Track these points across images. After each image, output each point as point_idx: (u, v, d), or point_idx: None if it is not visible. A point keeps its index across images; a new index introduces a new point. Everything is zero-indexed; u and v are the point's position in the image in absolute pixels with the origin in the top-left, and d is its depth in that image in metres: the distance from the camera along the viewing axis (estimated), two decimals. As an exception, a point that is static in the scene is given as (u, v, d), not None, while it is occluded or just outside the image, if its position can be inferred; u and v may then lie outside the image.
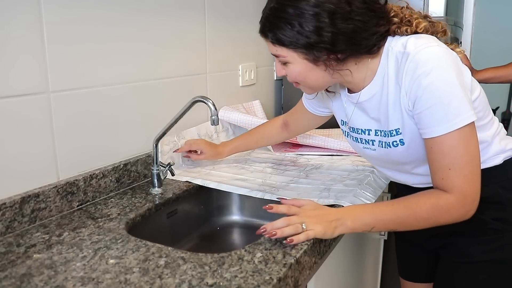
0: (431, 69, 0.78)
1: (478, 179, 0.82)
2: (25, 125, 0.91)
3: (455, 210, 0.82)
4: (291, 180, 1.21)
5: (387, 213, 0.85)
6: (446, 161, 0.81)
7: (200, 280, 0.71)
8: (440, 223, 0.84)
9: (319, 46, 0.82)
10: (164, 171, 1.15)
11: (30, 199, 0.91)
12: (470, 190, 0.81)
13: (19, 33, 0.88)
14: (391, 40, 0.87)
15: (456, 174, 0.81)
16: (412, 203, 0.85)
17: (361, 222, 0.85)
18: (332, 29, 0.80)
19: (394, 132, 0.89)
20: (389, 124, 0.89)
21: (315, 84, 0.91)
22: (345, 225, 0.84)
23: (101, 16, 1.05)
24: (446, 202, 0.82)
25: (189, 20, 1.35)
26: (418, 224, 0.84)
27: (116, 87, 1.12)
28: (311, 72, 0.87)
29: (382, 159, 0.98)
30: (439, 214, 0.83)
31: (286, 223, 0.83)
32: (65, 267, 0.75)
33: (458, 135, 0.79)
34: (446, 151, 0.80)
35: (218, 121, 1.04)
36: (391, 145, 0.91)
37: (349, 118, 0.99)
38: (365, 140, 0.98)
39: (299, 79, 0.91)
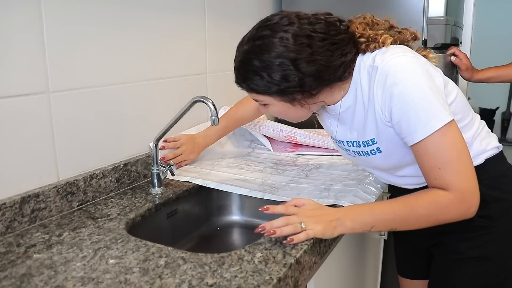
0: (400, 79, 0.81)
1: (472, 173, 0.82)
2: (25, 125, 0.91)
3: (454, 207, 0.82)
4: (291, 180, 1.21)
5: (386, 212, 0.85)
6: (434, 161, 0.82)
7: (200, 280, 0.71)
8: (440, 221, 0.84)
9: (290, 89, 0.86)
10: (164, 171, 1.15)
11: (30, 199, 0.91)
12: (465, 184, 0.81)
13: (19, 33, 0.88)
14: (362, 57, 0.90)
15: (447, 172, 0.81)
16: (411, 201, 0.85)
17: (360, 221, 0.85)
18: (298, 74, 0.84)
19: (370, 142, 0.92)
20: (365, 134, 0.92)
21: (297, 118, 0.96)
22: (344, 225, 0.84)
23: (101, 17, 1.05)
24: (444, 199, 0.82)
25: (189, 20, 1.35)
26: (418, 223, 0.85)
27: (116, 87, 1.12)
28: (290, 110, 0.92)
29: (364, 165, 1.04)
30: (438, 211, 0.83)
31: (285, 222, 0.83)
32: (65, 267, 0.75)
33: (440, 134, 0.80)
34: (432, 152, 0.82)
35: (218, 121, 1.04)
36: (369, 153, 0.95)
37: (334, 133, 1.03)
38: (345, 149, 1.02)
39: (281, 116, 0.96)
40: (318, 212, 0.87)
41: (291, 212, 0.86)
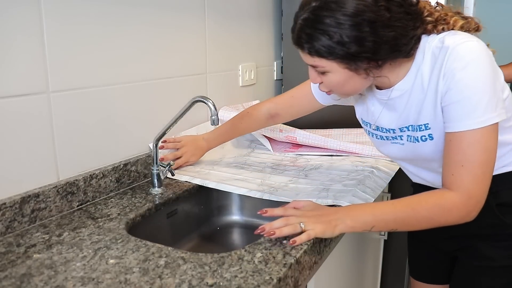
0: (467, 64, 0.77)
1: (487, 182, 0.81)
2: (25, 125, 0.91)
3: (457, 210, 0.81)
4: (290, 180, 1.21)
5: (387, 212, 0.84)
6: (461, 157, 0.80)
7: (200, 280, 0.71)
8: (441, 223, 0.83)
9: (359, 56, 0.80)
10: (164, 171, 1.15)
11: (30, 199, 0.91)
12: (476, 191, 0.80)
13: (19, 33, 0.88)
14: (426, 38, 0.85)
15: (467, 172, 0.79)
16: (414, 202, 0.84)
17: (361, 221, 0.84)
18: (374, 38, 0.77)
19: (423, 127, 0.88)
20: (419, 118, 0.88)
21: (352, 90, 0.90)
22: (344, 223, 0.84)
23: (101, 17, 1.05)
24: (449, 202, 0.81)
25: (189, 20, 1.35)
26: (419, 224, 0.84)
27: (116, 87, 1.12)
28: (351, 80, 0.85)
29: (409, 155, 0.96)
30: (441, 214, 0.82)
31: (284, 223, 0.83)
32: (65, 267, 0.75)
33: (480, 133, 0.78)
34: (464, 147, 0.79)
35: (218, 121, 1.04)
36: (419, 140, 0.90)
37: (375, 119, 0.97)
38: (392, 137, 0.96)
39: (336, 88, 0.88)
40: (318, 212, 0.87)
41: (290, 214, 0.86)
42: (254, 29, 1.71)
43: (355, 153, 1.44)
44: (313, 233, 0.82)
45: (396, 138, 0.96)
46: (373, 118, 0.98)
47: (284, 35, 1.79)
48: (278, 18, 1.84)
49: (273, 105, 1.26)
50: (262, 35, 1.77)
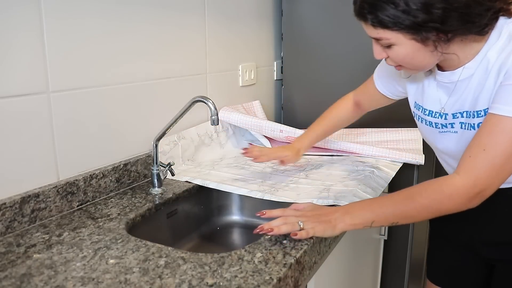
0: None
1: (504, 177, 0.77)
2: (25, 125, 0.91)
3: (458, 196, 0.77)
4: (291, 180, 1.21)
5: (386, 206, 0.83)
6: (488, 140, 0.76)
7: (200, 280, 0.71)
8: (441, 211, 0.80)
9: (427, 25, 0.73)
10: (164, 171, 1.15)
11: (30, 199, 0.91)
12: (485, 181, 0.76)
13: (19, 33, 0.88)
14: (505, 20, 0.79)
15: (487, 158, 0.75)
16: (412, 192, 0.82)
17: (360, 217, 0.83)
18: (444, 5, 0.71)
19: (482, 113, 0.82)
20: (478, 103, 0.82)
21: (422, 64, 0.83)
22: (344, 222, 0.83)
23: (101, 17, 1.05)
24: (450, 187, 0.78)
25: (189, 20, 1.35)
26: (419, 214, 0.81)
27: (116, 87, 1.12)
28: (418, 52, 0.79)
29: (460, 144, 0.88)
30: (441, 200, 0.79)
31: (283, 221, 0.83)
32: (65, 267, 0.75)
33: None
34: (497, 131, 0.75)
35: (218, 121, 1.04)
36: (475, 127, 0.84)
37: (442, 104, 0.90)
38: (441, 124, 0.91)
39: (404, 61, 0.82)
40: (317, 212, 0.87)
41: (289, 214, 0.86)
42: (254, 29, 1.71)
43: (356, 153, 1.44)
44: (312, 231, 0.82)
45: (446, 126, 0.90)
46: (436, 103, 0.91)
47: (284, 35, 1.79)
48: (278, 18, 1.84)
49: (355, 94, 1.23)
50: (262, 35, 1.77)
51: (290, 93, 1.82)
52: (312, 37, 1.72)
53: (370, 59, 1.59)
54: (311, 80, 1.75)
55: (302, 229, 0.82)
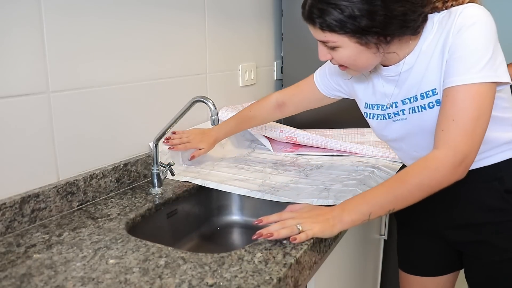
0: (475, 22, 0.80)
1: (478, 141, 0.81)
2: (25, 125, 0.91)
3: (444, 167, 0.80)
4: (291, 180, 1.21)
5: (379, 194, 0.84)
6: (454, 111, 0.80)
7: (200, 280, 0.71)
8: (433, 186, 0.82)
9: (370, 30, 0.81)
10: (164, 171, 1.15)
11: (30, 199, 0.91)
12: (463, 147, 0.80)
13: (20, 33, 0.88)
14: (434, 15, 0.87)
15: (457, 126, 0.80)
16: (401, 175, 0.84)
17: (357, 212, 0.84)
18: (385, 13, 0.79)
19: (430, 93, 0.88)
20: (425, 85, 0.88)
21: (364, 65, 0.90)
22: (342, 220, 0.83)
23: (101, 16, 1.05)
24: (434, 160, 0.81)
25: (189, 20, 1.35)
26: (413, 195, 0.83)
27: (116, 87, 1.12)
28: (361, 54, 0.86)
29: (413, 129, 0.94)
30: (430, 175, 0.81)
31: (281, 226, 0.83)
32: (65, 267, 0.75)
33: (477, 89, 0.79)
34: (458, 101, 0.80)
35: (218, 121, 1.04)
36: (426, 107, 0.89)
37: (389, 96, 0.97)
38: (393, 113, 0.97)
39: (348, 63, 0.89)
40: (315, 213, 0.87)
41: (286, 217, 0.85)
42: (254, 29, 1.71)
43: (356, 153, 1.44)
44: (311, 233, 0.82)
45: (398, 114, 0.96)
46: (385, 97, 0.98)
47: (284, 35, 1.79)
48: (278, 18, 1.84)
49: (280, 94, 1.28)
50: (262, 35, 1.77)
51: (290, 93, 1.81)
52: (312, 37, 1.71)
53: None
54: (311, 80, 1.75)
55: (301, 231, 0.82)
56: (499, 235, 0.94)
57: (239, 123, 1.33)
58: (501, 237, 0.94)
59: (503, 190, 0.92)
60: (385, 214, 0.86)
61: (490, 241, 0.95)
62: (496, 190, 0.92)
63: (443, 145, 0.81)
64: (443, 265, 1.11)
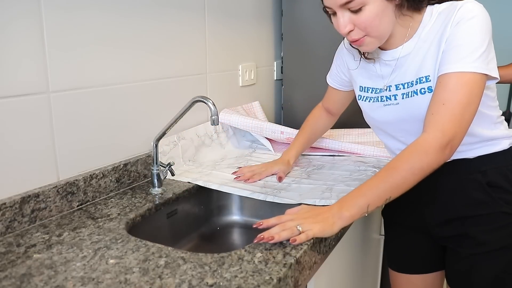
0: (474, 16, 0.84)
1: (465, 126, 0.84)
2: (25, 125, 0.91)
3: (432, 149, 0.83)
4: (293, 180, 1.21)
5: (374, 185, 0.85)
6: (444, 96, 0.84)
7: (200, 280, 0.70)
8: (424, 169, 0.84)
9: None
10: (164, 171, 1.15)
11: (30, 199, 0.91)
12: (451, 129, 0.83)
13: (20, 33, 0.88)
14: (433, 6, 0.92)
15: (447, 111, 0.83)
16: (393, 162, 0.86)
17: (355, 207, 0.84)
18: None
19: (423, 79, 0.91)
20: (421, 71, 0.92)
21: (386, 28, 0.90)
22: (342, 217, 0.84)
23: (101, 16, 1.05)
24: (423, 143, 0.84)
25: (189, 20, 1.35)
26: (406, 181, 0.84)
27: (116, 87, 1.12)
28: (385, 12, 0.87)
29: (403, 114, 0.97)
30: (419, 158, 0.83)
31: (281, 228, 0.82)
32: (65, 267, 0.75)
33: (468, 78, 0.83)
34: (450, 87, 0.84)
35: (218, 121, 1.04)
36: (418, 93, 0.93)
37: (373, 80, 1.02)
38: (386, 96, 1.00)
39: (373, 24, 0.87)
40: (313, 213, 0.87)
41: (285, 220, 0.85)
42: (254, 29, 1.71)
43: (357, 153, 1.44)
44: (312, 233, 0.82)
45: (390, 98, 0.99)
46: (382, 79, 1.01)
47: (284, 35, 1.79)
48: (278, 18, 1.84)
49: (321, 104, 1.34)
50: (262, 35, 1.77)
51: (290, 93, 1.81)
52: (312, 37, 1.72)
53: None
54: (311, 80, 1.75)
55: (301, 232, 0.82)
56: (479, 228, 0.96)
57: (309, 139, 1.35)
58: (481, 229, 0.96)
59: (485, 182, 0.94)
60: (383, 204, 0.86)
61: (469, 234, 0.97)
62: (479, 183, 0.95)
63: (431, 127, 0.84)
64: (430, 261, 1.12)
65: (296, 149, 1.32)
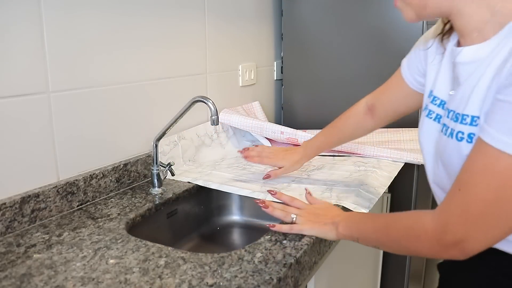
0: None
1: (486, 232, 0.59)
2: (25, 125, 0.91)
3: (426, 240, 0.65)
4: (293, 180, 1.21)
5: (369, 229, 0.77)
6: (464, 178, 0.61)
7: (200, 280, 0.70)
8: (411, 250, 0.71)
9: None
10: (164, 171, 1.15)
11: (30, 199, 0.91)
12: (458, 229, 0.60)
13: (20, 33, 0.88)
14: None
15: (460, 201, 0.60)
16: (391, 220, 0.74)
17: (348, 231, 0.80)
18: None
19: (468, 119, 0.64)
20: (468, 105, 0.65)
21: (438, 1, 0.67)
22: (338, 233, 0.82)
23: (101, 16, 1.05)
24: (420, 226, 0.66)
25: (189, 20, 1.35)
26: (391, 248, 0.74)
27: (116, 87, 1.12)
28: None
29: (434, 152, 0.75)
30: (409, 238, 0.68)
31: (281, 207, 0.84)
32: (65, 267, 0.75)
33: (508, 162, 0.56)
34: (475, 167, 0.59)
35: (218, 121, 1.04)
36: (453, 136, 0.67)
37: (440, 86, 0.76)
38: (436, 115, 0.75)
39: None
40: (320, 212, 0.86)
41: (295, 205, 0.85)
42: (254, 29, 1.71)
43: (357, 154, 1.44)
44: (297, 228, 0.83)
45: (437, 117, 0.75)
46: (431, 83, 0.79)
47: (284, 35, 1.79)
48: (278, 18, 1.84)
49: (370, 96, 1.08)
50: (262, 35, 1.77)
51: (290, 93, 1.81)
52: (312, 37, 1.72)
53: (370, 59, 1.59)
54: (311, 80, 1.75)
55: (293, 222, 0.83)
56: None
57: (328, 137, 1.15)
58: None
59: None
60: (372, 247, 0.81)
61: None
62: None
63: (438, 213, 0.64)
64: None
65: (315, 145, 1.16)
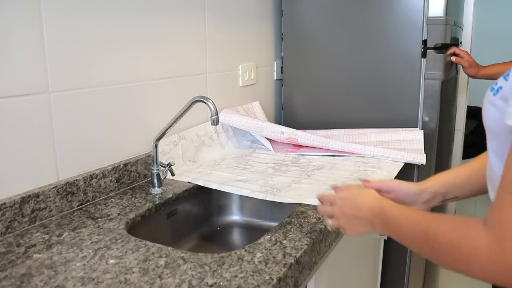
0: None
1: None
2: (25, 125, 0.91)
3: (479, 263, 0.53)
4: (293, 180, 1.21)
5: (410, 235, 0.66)
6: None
7: (200, 280, 0.70)
8: (462, 272, 0.57)
9: None
10: (164, 171, 1.15)
11: (30, 199, 0.91)
12: None
13: (20, 34, 0.88)
14: None
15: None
16: (434, 228, 0.61)
17: (385, 231, 0.74)
18: None
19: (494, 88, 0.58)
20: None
21: None
22: (376, 229, 0.78)
23: (101, 17, 1.05)
24: (471, 243, 0.54)
25: (189, 20, 1.35)
26: (437, 262, 0.63)
27: (116, 87, 1.12)
28: None
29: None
30: (458, 258, 0.56)
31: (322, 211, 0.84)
32: (65, 267, 0.75)
33: None
34: None
35: (218, 121, 1.04)
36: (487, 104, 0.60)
37: None
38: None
39: None
40: (355, 214, 0.80)
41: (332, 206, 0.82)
42: (254, 29, 1.70)
43: (357, 154, 1.44)
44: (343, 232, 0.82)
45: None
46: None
47: (284, 35, 1.79)
48: (278, 18, 1.84)
49: None
50: (262, 35, 1.77)
51: (290, 93, 1.81)
52: (312, 37, 1.72)
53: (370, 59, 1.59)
54: (311, 80, 1.75)
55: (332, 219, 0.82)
56: None
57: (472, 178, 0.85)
58: None
59: None
60: None
61: None
62: None
63: (492, 224, 0.53)
64: None
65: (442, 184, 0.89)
